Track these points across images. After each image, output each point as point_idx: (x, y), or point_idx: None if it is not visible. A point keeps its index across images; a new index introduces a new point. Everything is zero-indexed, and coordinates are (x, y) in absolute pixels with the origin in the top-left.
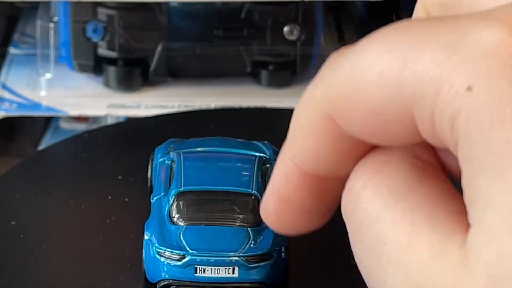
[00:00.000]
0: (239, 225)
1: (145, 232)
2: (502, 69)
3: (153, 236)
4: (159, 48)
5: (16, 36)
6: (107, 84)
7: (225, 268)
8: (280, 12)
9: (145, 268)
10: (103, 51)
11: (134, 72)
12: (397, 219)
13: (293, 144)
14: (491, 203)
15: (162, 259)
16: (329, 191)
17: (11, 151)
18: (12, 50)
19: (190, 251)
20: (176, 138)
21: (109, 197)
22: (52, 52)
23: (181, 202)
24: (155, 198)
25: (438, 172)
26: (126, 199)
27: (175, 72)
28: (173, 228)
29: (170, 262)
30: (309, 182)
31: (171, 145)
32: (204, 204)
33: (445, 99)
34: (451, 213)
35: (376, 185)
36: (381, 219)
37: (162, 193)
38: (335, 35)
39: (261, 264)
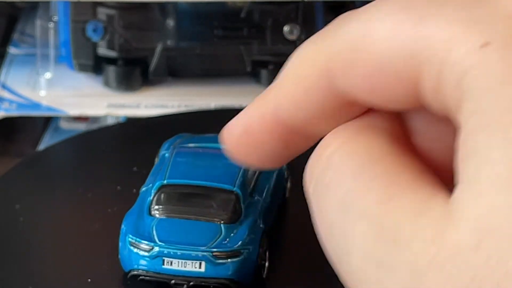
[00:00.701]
0: (213, 220)
1: (123, 222)
2: None
3: (128, 226)
4: (159, 48)
5: (16, 36)
6: (107, 83)
7: (192, 262)
8: (280, 12)
9: (120, 257)
10: (103, 50)
11: (134, 72)
12: (374, 178)
13: (281, 90)
14: (487, 158)
15: (133, 249)
16: (296, 144)
17: (11, 150)
18: (12, 50)
19: (159, 243)
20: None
21: (110, 196)
22: (52, 52)
23: (162, 195)
24: (143, 189)
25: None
26: (126, 199)
27: (175, 72)
28: (148, 219)
29: (139, 253)
30: (281, 130)
31: (178, 140)
32: (183, 198)
33: (457, 55)
34: (430, 180)
35: (351, 149)
36: (356, 178)
37: (150, 185)
38: None
39: (229, 261)
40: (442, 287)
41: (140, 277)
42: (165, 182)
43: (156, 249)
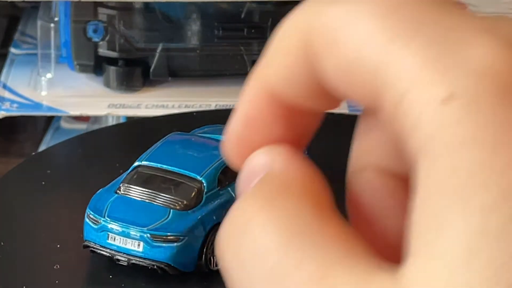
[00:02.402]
0: (165, 205)
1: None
2: (484, 91)
3: (92, 200)
4: (159, 48)
5: (17, 36)
6: (107, 84)
7: (132, 241)
8: (280, 12)
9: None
10: (103, 51)
11: (134, 72)
12: (303, 251)
13: (269, 64)
14: (445, 233)
15: (88, 221)
16: (298, 123)
17: (12, 151)
18: (13, 50)
19: (105, 218)
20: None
21: None
22: (52, 52)
23: (134, 175)
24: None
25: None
26: None
27: (175, 72)
28: (110, 196)
29: (91, 225)
30: (280, 109)
31: (205, 129)
32: (150, 180)
33: (418, 101)
34: (366, 252)
35: (272, 216)
36: (283, 251)
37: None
38: None
39: (165, 245)
40: None
41: (90, 248)
42: (142, 163)
43: (102, 223)
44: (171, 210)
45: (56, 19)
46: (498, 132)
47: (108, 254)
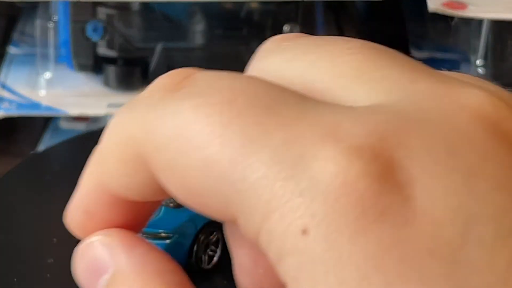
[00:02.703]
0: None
1: None
2: (342, 217)
3: None
4: (159, 48)
5: (15, 36)
6: (107, 83)
7: None
8: (280, 12)
9: None
10: (103, 50)
11: (134, 72)
12: None
13: (104, 169)
14: None
15: None
16: (136, 210)
17: (10, 150)
18: (11, 50)
19: None
20: None
21: None
22: (51, 52)
23: None
24: None
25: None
26: None
27: None
28: None
29: None
30: (119, 204)
31: None
32: None
33: (274, 230)
34: None
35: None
36: None
37: None
38: (335, 34)
39: (156, 242)
40: None
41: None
42: None
43: None
44: (163, 207)
45: (55, 18)
46: (358, 266)
47: None
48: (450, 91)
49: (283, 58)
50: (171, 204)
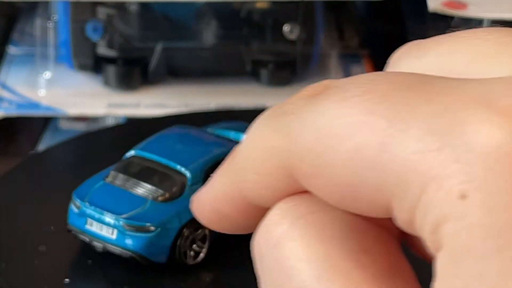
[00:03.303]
0: (144, 195)
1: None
2: (502, 180)
3: (80, 186)
4: (158, 47)
5: (15, 35)
6: (106, 83)
7: (107, 228)
8: (280, 11)
9: None
10: (102, 50)
11: (133, 71)
12: (333, 276)
13: (243, 178)
14: None
15: (71, 206)
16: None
17: (10, 150)
18: (11, 49)
19: (85, 203)
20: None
21: None
22: (51, 51)
23: (126, 163)
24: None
25: (388, 236)
26: None
27: (174, 71)
28: (97, 183)
29: (73, 210)
30: (252, 211)
31: (226, 125)
32: (138, 169)
33: (432, 199)
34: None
35: (304, 231)
36: (313, 272)
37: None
38: (335, 34)
39: (137, 234)
40: None
41: (72, 231)
42: (135, 153)
43: (82, 208)
44: (149, 201)
45: (55, 18)
46: None
47: (86, 239)
48: None
49: (417, 55)
50: (160, 198)
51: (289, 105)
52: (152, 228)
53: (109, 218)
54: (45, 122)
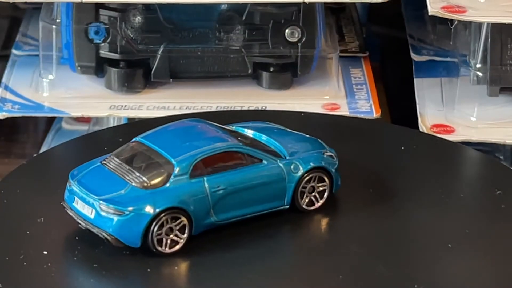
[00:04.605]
0: (128, 180)
1: None
2: None
3: (78, 167)
4: (161, 50)
5: (18, 38)
6: (109, 85)
7: (87, 207)
8: (281, 14)
9: None
10: (105, 52)
11: (136, 74)
12: None
13: None
14: None
15: (67, 185)
16: None
17: (13, 152)
18: (14, 52)
19: (73, 182)
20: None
21: None
22: (54, 54)
23: (126, 148)
24: None
25: None
26: None
27: (176, 74)
28: (92, 165)
29: (68, 188)
30: None
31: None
32: (134, 156)
33: None
34: None
35: None
36: None
37: None
38: (336, 37)
39: (111, 216)
40: None
41: (65, 208)
42: (138, 139)
43: (71, 186)
44: (131, 186)
45: (57, 20)
46: None
47: (73, 216)
48: None
49: None
50: (141, 185)
51: None
52: (125, 211)
53: (89, 198)
54: (48, 124)
